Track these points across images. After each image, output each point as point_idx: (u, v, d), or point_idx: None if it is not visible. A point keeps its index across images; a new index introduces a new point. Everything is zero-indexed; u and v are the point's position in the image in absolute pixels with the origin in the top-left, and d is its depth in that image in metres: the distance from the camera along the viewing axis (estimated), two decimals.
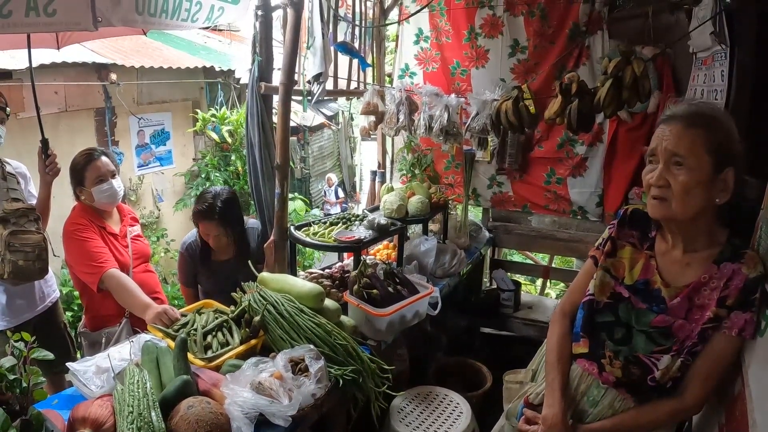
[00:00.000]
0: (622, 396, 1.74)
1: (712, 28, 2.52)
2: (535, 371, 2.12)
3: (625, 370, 1.70)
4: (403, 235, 3.46)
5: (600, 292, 1.80)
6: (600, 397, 1.78)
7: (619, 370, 1.71)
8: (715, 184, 1.53)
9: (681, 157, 1.54)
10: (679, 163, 1.54)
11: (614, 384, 1.74)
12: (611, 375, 1.73)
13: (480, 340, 4.50)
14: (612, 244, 1.83)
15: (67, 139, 6.03)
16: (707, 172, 1.52)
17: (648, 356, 1.66)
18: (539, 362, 2.12)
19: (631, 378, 1.70)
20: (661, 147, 1.58)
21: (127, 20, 2.66)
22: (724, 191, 1.54)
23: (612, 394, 1.76)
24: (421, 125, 3.76)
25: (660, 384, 1.65)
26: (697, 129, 1.54)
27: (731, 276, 1.55)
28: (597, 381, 1.78)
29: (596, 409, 1.79)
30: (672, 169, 1.56)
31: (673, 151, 1.55)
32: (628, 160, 3.93)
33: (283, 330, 2.37)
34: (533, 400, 1.95)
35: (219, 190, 3.17)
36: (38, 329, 3.03)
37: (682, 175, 1.54)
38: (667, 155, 1.57)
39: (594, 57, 3.90)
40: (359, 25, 4.14)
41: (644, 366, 1.67)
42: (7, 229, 2.74)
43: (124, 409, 1.77)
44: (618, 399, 1.75)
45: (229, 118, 7.81)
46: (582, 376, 1.83)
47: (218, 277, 3.21)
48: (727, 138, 1.54)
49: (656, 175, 1.59)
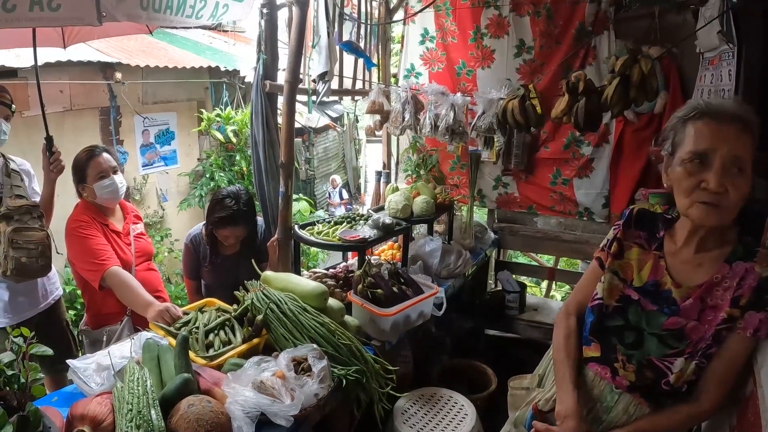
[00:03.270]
0: (636, 401, 1.70)
1: (719, 28, 2.49)
2: (542, 376, 2.07)
3: (639, 374, 1.66)
4: (408, 235, 3.43)
5: (608, 296, 1.75)
6: (614, 402, 1.73)
7: (632, 374, 1.67)
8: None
9: (742, 163, 1.44)
10: (742, 170, 1.45)
11: (628, 388, 1.70)
12: (625, 379, 1.69)
13: (485, 342, 4.47)
14: (618, 245, 1.78)
15: (72, 137, 6.03)
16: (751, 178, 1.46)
17: (661, 360, 1.62)
18: (546, 367, 2.07)
19: (645, 382, 1.66)
20: (724, 150, 1.45)
21: (131, 15, 2.65)
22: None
23: (626, 399, 1.71)
24: (426, 124, 3.73)
25: (675, 388, 1.61)
26: (749, 132, 1.47)
27: (744, 275, 1.52)
28: (610, 386, 1.74)
29: (610, 415, 1.74)
30: (731, 175, 1.45)
31: (739, 156, 1.45)
32: (634, 161, 3.90)
33: (286, 329, 2.35)
34: (542, 407, 1.90)
35: (235, 191, 3.14)
36: (40, 327, 3.01)
37: (742, 183, 1.45)
38: (731, 160, 1.45)
39: (600, 57, 3.88)
40: (365, 23, 4.12)
41: (658, 370, 1.63)
42: (10, 226, 2.74)
43: (123, 407, 1.74)
44: (632, 404, 1.71)
45: (233, 118, 7.82)
46: (594, 380, 1.79)
47: (221, 271, 3.21)
48: (756, 142, 1.49)
49: (716, 181, 1.45)
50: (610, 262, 1.78)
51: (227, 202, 3.05)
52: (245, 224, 3.13)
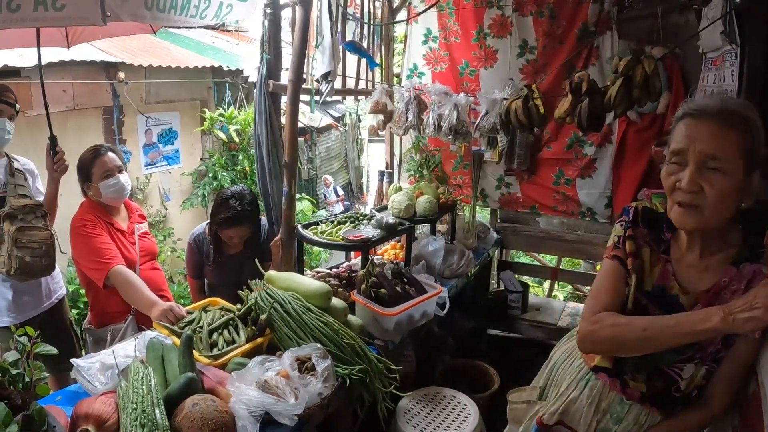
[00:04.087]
0: (647, 410, 1.68)
1: (722, 28, 2.50)
2: (543, 389, 2.02)
3: (649, 384, 1.64)
4: (411, 234, 3.43)
5: (631, 300, 1.66)
6: (624, 413, 1.71)
7: (643, 384, 1.65)
8: (744, 188, 1.43)
9: (718, 161, 1.40)
10: (716, 168, 1.41)
11: (639, 399, 1.67)
12: (636, 391, 1.67)
13: (487, 342, 4.47)
14: (634, 244, 1.68)
15: (75, 137, 6.03)
16: (741, 177, 1.41)
17: (671, 367, 1.61)
18: (546, 379, 2.02)
19: (655, 391, 1.64)
20: (694, 148, 1.43)
21: (135, 15, 2.66)
22: (749, 195, 1.45)
23: (637, 409, 1.70)
24: (429, 124, 3.74)
25: (685, 394, 1.60)
26: (732, 129, 1.41)
27: (752, 277, 1.50)
28: (620, 397, 1.71)
29: (621, 426, 1.72)
30: (706, 174, 1.42)
31: (710, 154, 1.41)
32: (637, 161, 3.89)
33: (289, 328, 2.35)
34: (547, 420, 1.87)
35: (239, 191, 3.15)
36: (44, 326, 3.00)
37: (719, 180, 1.40)
38: (701, 158, 1.42)
39: (603, 57, 3.87)
40: (368, 23, 4.12)
41: (668, 377, 1.61)
42: (14, 225, 2.75)
43: (127, 406, 1.75)
44: (643, 414, 1.69)
45: (236, 117, 7.82)
46: (603, 392, 1.75)
47: (224, 270, 3.22)
48: (757, 139, 1.43)
49: (687, 179, 1.43)
50: (632, 262, 1.66)
51: (232, 203, 3.06)
52: (250, 224, 3.15)
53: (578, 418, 1.80)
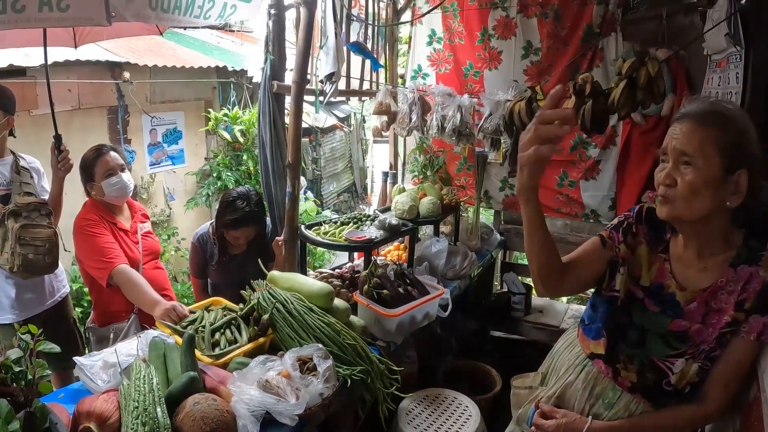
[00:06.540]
0: (637, 400, 1.71)
1: (726, 30, 2.49)
2: (545, 375, 2.08)
3: (640, 375, 1.68)
4: (414, 235, 3.44)
5: (623, 290, 1.76)
6: (615, 399, 1.75)
7: (634, 374, 1.69)
8: (725, 185, 1.47)
9: (689, 156, 1.49)
10: (687, 163, 1.49)
11: (629, 389, 1.71)
12: (626, 380, 1.71)
13: (490, 344, 4.47)
14: (633, 238, 1.77)
15: (80, 136, 6.04)
16: (716, 173, 1.46)
17: (663, 360, 1.64)
18: (549, 366, 2.08)
19: (646, 383, 1.67)
20: (671, 146, 1.54)
21: (140, 15, 2.67)
22: (735, 194, 1.48)
23: (627, 397, 1.73)
24: (433, 125, 3.74)
25: (677, 389, 1.62)
26: (708, 127, 1.48)
27: (749, 279, 1.52)
28: (612, 383, 1.76)
29: (611, 412, 1.76)
30: (680, 169, 1.51)
31: (681, 150, 1.50)
32: (641, 163, 3.88)
33: (291, 328, 2.35)
34: (544, 404, 1.92)
35: (245, 192, 3.16)
36: (47, 324, 3.03)
37: (689, 174, 1.49)
38: (676, 154, 1.52)
39: (608, 59, 3.86)
40: (372, 24, 4.13)
41: (659, 370, 1.64)
42: (18, 223, 2.76)
43: (129, 404, 1.75)
44: (633, 402, 1.72)
45: (241, 117, 7.82)
46: (598, 378, 1.80)
47: (227, 270, 3.23)
48: (741, 138, 1.48)
49: (664, 173, 1.55)
50: (625, 253, 1.77)
51: (239, 204, 3.06)
52: (256, 225, 3.15)
53: (573, 402, 1.85)
